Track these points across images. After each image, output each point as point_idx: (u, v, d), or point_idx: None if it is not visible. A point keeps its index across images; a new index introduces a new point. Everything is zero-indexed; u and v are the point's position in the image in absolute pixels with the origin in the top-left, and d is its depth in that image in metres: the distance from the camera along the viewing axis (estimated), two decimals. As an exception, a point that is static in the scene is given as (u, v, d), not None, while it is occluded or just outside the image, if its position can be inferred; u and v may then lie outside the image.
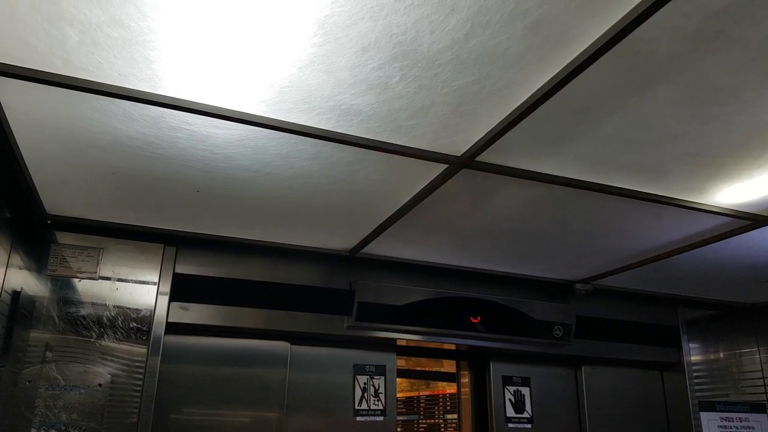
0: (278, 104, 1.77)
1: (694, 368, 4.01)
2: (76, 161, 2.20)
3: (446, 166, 2.14)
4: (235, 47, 1.52)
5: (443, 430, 4.52)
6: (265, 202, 2.54)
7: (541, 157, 2.08)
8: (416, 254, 3.31)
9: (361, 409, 3.32)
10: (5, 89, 1.74)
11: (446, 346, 3.58)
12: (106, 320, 2.80)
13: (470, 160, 2.08)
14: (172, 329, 2.96)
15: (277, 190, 2.41)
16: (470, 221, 2.74)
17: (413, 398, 4.81)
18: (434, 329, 3.38)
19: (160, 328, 2.88)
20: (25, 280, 2.70)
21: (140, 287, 2.90)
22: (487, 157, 2.07)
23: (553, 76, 1.60)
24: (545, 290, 3.79)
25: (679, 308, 4.11)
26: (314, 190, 2.40)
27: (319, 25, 1.42)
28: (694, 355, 4.06)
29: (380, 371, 3.43)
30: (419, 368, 4.29)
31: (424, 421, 4.70)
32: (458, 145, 2.00)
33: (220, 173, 2.26)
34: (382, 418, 3.36)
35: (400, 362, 3.54)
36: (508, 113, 1.79)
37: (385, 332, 3.33)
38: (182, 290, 3.01)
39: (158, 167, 2.23)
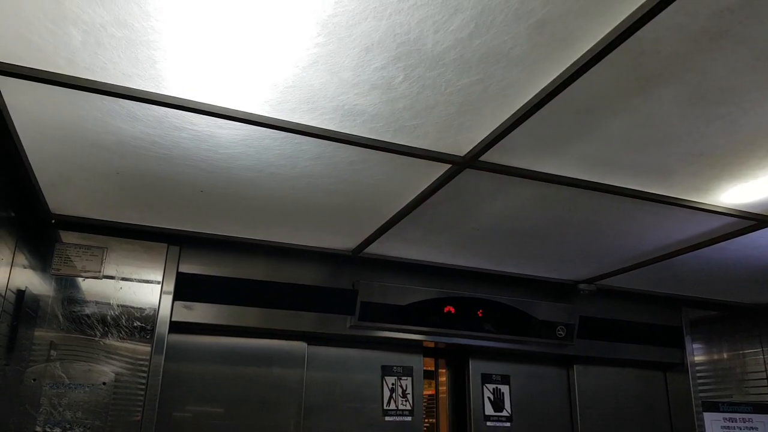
0: (281, 104, 1.77)
1: (697, 369, 4.00)
2: (80, 161, 2.21)
3: (449, 166, 2.14)
4: (238, 47, 1.52)
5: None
6: (268, 201, 2.54)
7: (544, 157, 2.08)
8: (419, 254, 3.31)
9: (389, 409, 3.38)
10: (10, 89, 1.74)
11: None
12: (110, 319, 2.81)
13: (474, 160, 2.07)
14: (175, 328, 2.97)
15: (280, 189, 2.41)
16: (473, 221, 2.74)
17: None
18: (437, 329, 3.38)
19: (163, 327, 2.88)
20: (29, 279, 2.71)
21: (144, 286, 2.91)
22: (490, 157, 2.07)
23: (557, 75, 1.59)
24: (549, 290, 3.78)
25: (682, 308, 4.10)
26: (317, 189, 2.40)
27: (322, 25, 1.42)
28: (697, 355, 4.05)
29: (407, 372, 3.49)
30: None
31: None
32: (462, 144, 2.00)
33: (223, 173, 2.27)
34: (410, 418, 3.41)
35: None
36: (512, 113, 1.78)
37: (387, 332, 3.33)
38: (186, 289, 3.01)
39: (162, 167, 2.23)
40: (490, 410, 3.58)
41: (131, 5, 1.37)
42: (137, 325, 2.84)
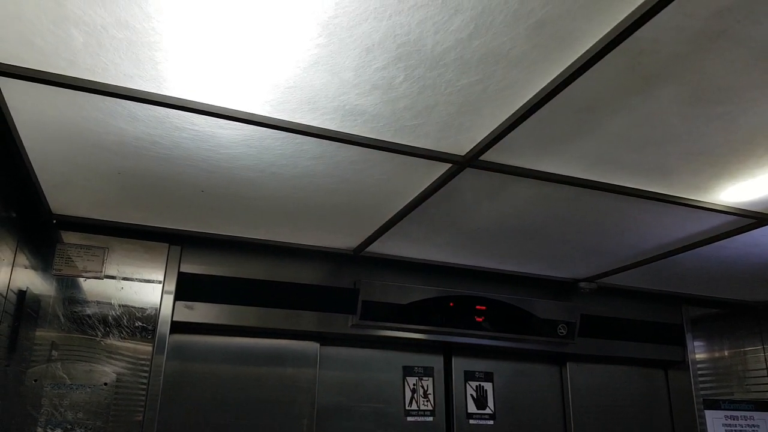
0: (283, 104, 1.77)
1: (698, 366, 4.01)
2: (81, 161, 2.21)
3: (450, 165, 2.15)
4: (239, 48, 1.52)
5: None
6: (269, 201, 2.55)
7: (544, 156, 2.08)
8: (420, 253, 3.31)
9: (411, 409, 3.40)
10: (11, 90, 1.75)
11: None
12: (111, 319, 2.82)
13: (474, 159, 2.08)
14: (177, 328, 2.98)
15: (281, 189, 2.41)
16: (474, 220, 2.75)
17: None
18: (438, 328, 3.38)
19: (165, 326, 2.89)
20: (30, 279, 2.72)
21: (145, 286, 2.92)
22: (491, 156, 2.08)
23: (557, 75, 1.60)
24: (549, 289, 3.79)
25: (683, 306, 4.10)
26: (318, 189, 2.41)
27: (323, 26, 1.42)
28: (698, 353, 4.05)
29: (428, 372, 3.52)
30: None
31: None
32: (462, 144, 2.01)
33: (224, 173, 2.27)
34: (431, 418, 3.43)
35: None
36: (512, 113, 1.79)
37: (389, 331, 3.34)
38: (187, 289, 3.02)
39: (163, 167, 2.24)
40: (472, 408, 3.58)
41: (132, 7, 1.38)
42: (138, 325, 2.85)
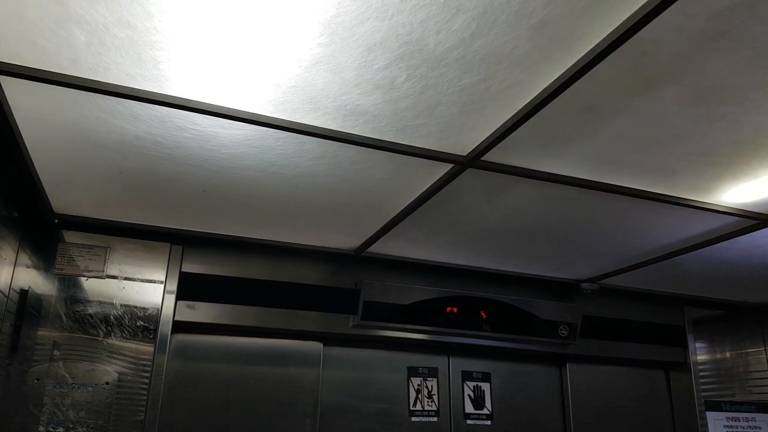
0: (284, 104, 1.77)
1: (700, 368, 4.00)
2: (83, 161, 2.21)
3: (452, 165, 2.14)
4: (241, 47, 1.52)
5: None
6: (270, 201, 2.55)
7: (547, 156, 2.08)
8: (422, 253, 3.31)
9: (416, 410, 3.42)
10: (13, 89, 1.75)
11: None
12: (113, 319, 2.82)
13: (476, 159, 2.08)
14: (178, 328, 2.98)
15: (282, 189, 2.41)
16: (476, 221, 2.74)
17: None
18: (439, 328, 3.38)
19: (167, 326, 2.89)
20: (32, 278, 2.72)
21: (147, 286, 2.92)
22: (492, 156, 2.07)
23: (559, 75, 1.59)
24: (551, 289, 3.78)
25: (685, 308, 4.09)
26: (320, 189, 2.41)
27: (325, 25, 1.42)
28: (700, 354, 4.04)
29: (433, 373, 3.53)
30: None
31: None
32: (464, 144, 2.00)
33: (226, 173, 2.27)
34: (436, 418, 3.44)
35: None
36: (514, 113, 1.79)
37: (390, 331, 3.34)
38: (189, 289, 3.02)
39: (165, 167, 2.24)
40: (470, 408, 3.58)
41: (134, 6, 1.38)
42: (140, 324, 2.85)
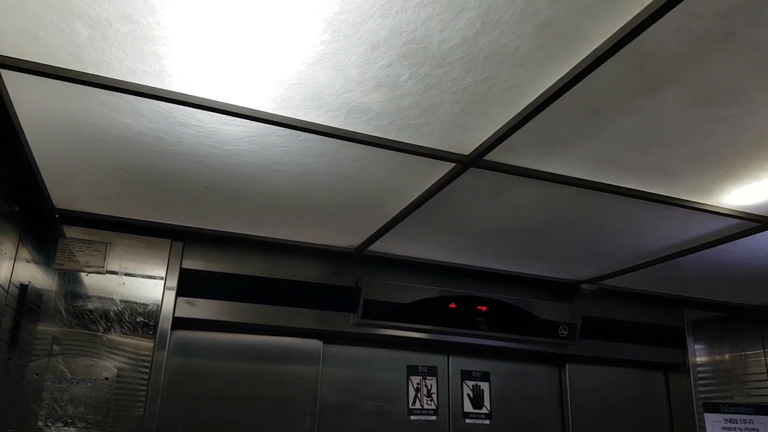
0: (286, 101, 1.77)
1: (699, 369, 4.00)
2: (84, 156, 2.21)
3: (454, 164, 2.14)
4: (244, 44, 1.52)
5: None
6: (271, 198, 2.55)
7: (549, 156, 2.08)
8: (423, 252, 3.31)
9: (415, 408, 3.42)
10: (14, 83, 1.74)
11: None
12: (113, 314, 2.81)
13: (478, 159, 2.07)
14: (178, 324, 2.98)
15: (284, 186, 2.41)
16: (477, 220, 2.74)
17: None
18: (440, 327, 3.38)
19: (166, 322, 2.89)
20: (32, 273, 2.72)
21: (147, 282, 2.91)
22: (495, 156, 2.07)
23: (562, 75, 1.59)
24: (551, 290, 3.78)
25: (684, 309, 4.09)
26: (321, 187, 2.40)
27: (328, 22, 1.42)
28: (699, 356, 4.04)
29: (432, 372, 3.54)
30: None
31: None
32: (466, 143, 2.00)
33: (227, 169, 2.27)
34: (434, 417, 3.45)
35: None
36: (517, 112, 1.78)
37: (390, 330, 3.33)
38: (189, 285, 3.02)
39: (166, 163, 2.23)
40: (469, 407, 3.58)
41: (137, 1, 1.37)
42: (140, 320, 2.85)
